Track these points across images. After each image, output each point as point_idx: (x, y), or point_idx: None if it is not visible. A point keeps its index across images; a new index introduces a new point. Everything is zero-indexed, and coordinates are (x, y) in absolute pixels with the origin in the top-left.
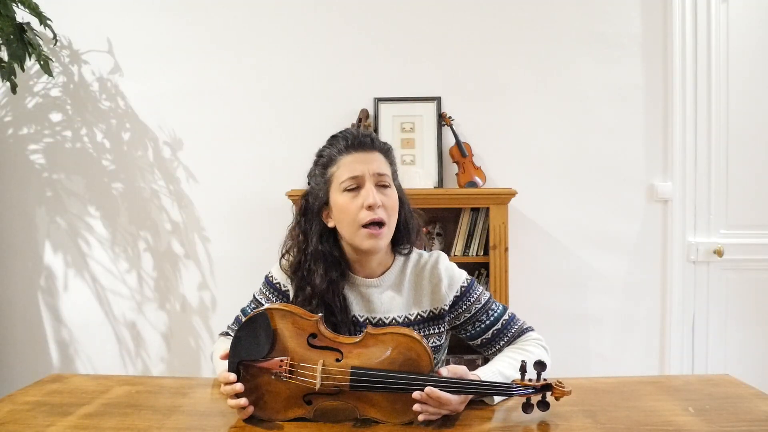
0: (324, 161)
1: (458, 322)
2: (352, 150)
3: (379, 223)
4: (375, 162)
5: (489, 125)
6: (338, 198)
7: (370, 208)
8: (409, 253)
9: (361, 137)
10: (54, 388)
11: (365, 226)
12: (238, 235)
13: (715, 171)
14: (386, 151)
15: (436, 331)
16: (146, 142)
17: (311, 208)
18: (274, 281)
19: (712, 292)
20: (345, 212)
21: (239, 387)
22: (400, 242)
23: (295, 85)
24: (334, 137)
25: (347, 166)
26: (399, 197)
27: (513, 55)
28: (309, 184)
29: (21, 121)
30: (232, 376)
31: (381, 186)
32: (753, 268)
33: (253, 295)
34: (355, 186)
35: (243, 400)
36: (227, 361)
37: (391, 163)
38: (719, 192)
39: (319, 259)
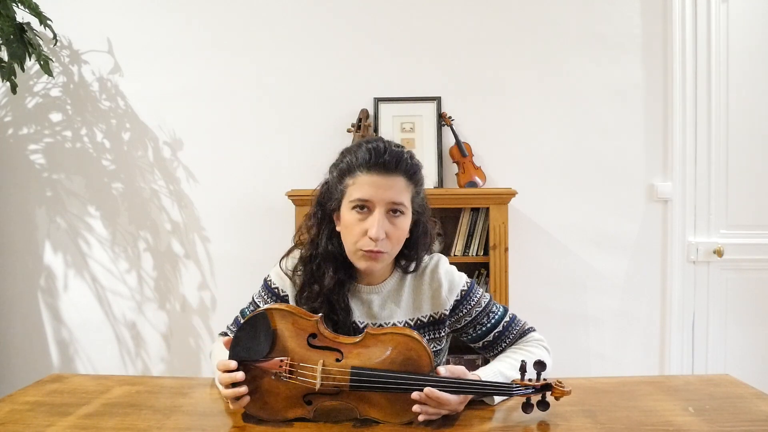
0: (343, 168)
1: (459, 326)
2: (373, 169)
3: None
4: (392, 189)
5: (489, 125)
6: (346, 213)
7: (372, 238)
8: (413, 270)
9: (385, 157)
10: (54, 388)
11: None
12: (238, 235)
13: (715, 171)
14: (412, 174)
15: (437, 335)
16: (146, 142)
17: (326, 205)
18: (273, 286)
19: (712, 292)
20: (348, 230)
21: (240, 375)
22: (404, 260)
23: (295, 84)
24: (360, 145)
25: (361, 187)
26: (416, 220)
27: (513, 55)
28: (330, 173)
29: (21, 121)
30: (233, 364)
31: (392, 212)
32: (753, 268)
33: (252, 298)
34: (364, 209)
35: (243, 388)
36: (227, 351)
37: (416, 184)
38: (719, 192)
39: (329, 260)
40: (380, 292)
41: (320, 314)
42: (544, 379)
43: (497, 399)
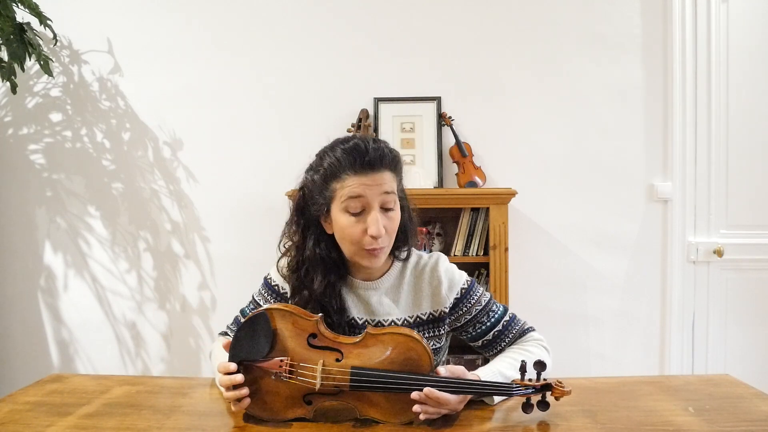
0: (326, 172)
1: (459, 324)
2: (360, 170)
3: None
4: (383, 185)
5: (489, 125)
6: (340, 217)
7: (374, 236)
8: (407, 257)
9: (371, 156)
10: (54, 388)
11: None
12: (238, 235)
13: (715, 171)
14: (395, 165)
15: (436, 333)
16: (146, 142)
17: (309, 210)
18: (273, 283)
19: (712, 292)
20: (346, 233)
21: (239, 378)
22: (398, 247)
23: (296, 85)
24: (334, 147)
25: (353, 189)
26: (402, 206)
27: (513, 55)
28: (307, 178)
29: (21, 121)
30: (233, 366)
31: (385, 208)
32: (753, 268)
33: (252, 297)
34: (360, 210)
35: (244, 390)
36: (227, 353)
37: (398, 173)
38: (719, 192)
39: (317, 264)
40: (378, 288)
41: (320, 314)
42: (544, 379)
43: (497, 399)
